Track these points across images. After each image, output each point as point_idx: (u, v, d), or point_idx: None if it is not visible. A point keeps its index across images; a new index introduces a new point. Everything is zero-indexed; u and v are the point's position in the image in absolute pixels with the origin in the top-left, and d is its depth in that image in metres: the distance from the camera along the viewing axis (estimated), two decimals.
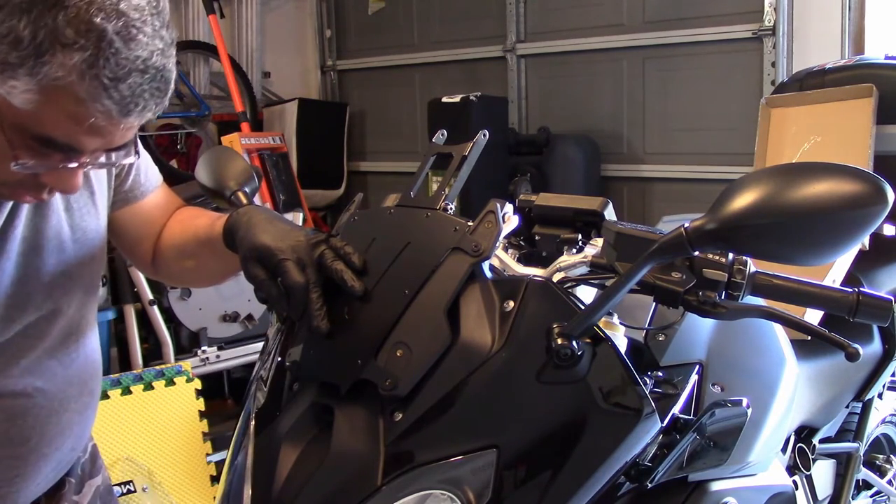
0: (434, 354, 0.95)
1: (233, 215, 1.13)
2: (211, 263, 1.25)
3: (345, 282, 1.01)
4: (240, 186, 1.24)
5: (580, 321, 0.91)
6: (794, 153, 2.11)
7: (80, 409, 1.21)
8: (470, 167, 1.10)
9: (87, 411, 1.23)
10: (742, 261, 0.90)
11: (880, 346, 1.85)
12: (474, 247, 0.99)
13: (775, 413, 1.21)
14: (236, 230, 1.10)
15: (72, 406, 1.18)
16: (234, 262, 1.12)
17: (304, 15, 5.88)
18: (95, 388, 1.25)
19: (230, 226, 1.13)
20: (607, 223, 1.03)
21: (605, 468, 0.92)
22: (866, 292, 0.88)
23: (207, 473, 2.86)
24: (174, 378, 2.92)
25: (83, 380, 1.21)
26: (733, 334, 1.17)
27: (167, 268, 1.34)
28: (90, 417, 1.25)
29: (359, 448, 0.95)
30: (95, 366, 1.24)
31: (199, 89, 5.11)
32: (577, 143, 4.49)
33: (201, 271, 1.32)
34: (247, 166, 1.28)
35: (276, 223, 1.08)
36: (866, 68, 2.09)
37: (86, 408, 1.22)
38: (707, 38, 4.20)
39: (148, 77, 0.88)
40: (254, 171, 1.29)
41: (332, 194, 5.48)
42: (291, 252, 1.03)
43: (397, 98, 5.50)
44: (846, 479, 1.83)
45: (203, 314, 3.30)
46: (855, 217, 0.81)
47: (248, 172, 1.27)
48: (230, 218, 1.14)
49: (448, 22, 5.21)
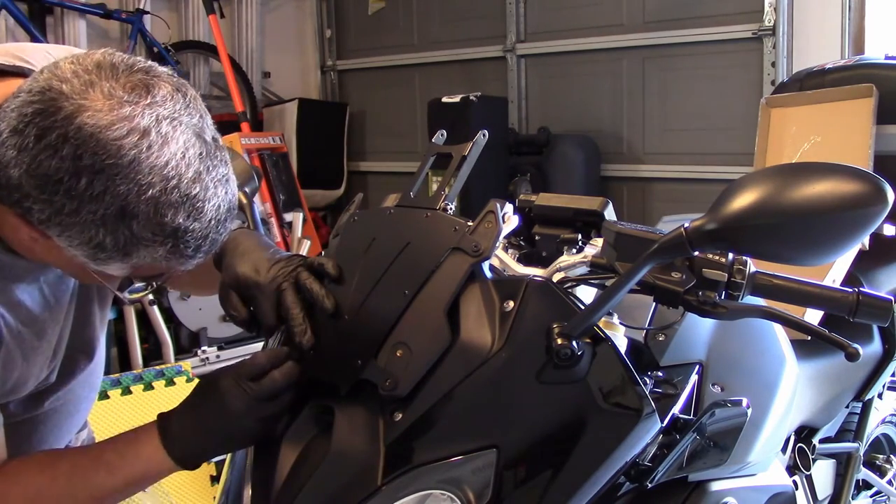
0: (434, 354, 0.95)
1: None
2: (205, 278, 1.26)
3: (317, 301, 1.03)
4: (240, 186, 1.23)
5: (580, 321, 0.91)
6: (794, 153, 2.11)
7: (88, 406, 1.24)
8: (470, 167, 1.10)
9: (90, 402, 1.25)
10: (742, 261, 0.90)
11: (880, 346, 1.85)
12: (474, 247, 0.99)
13: (775, 413, 1.21)
14: (223, 255, 1.11)
15: (83, 406, 1.22)
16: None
17: (304, 15, 5.88)
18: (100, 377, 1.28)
19: (220, 249, 1.14)
20: (607, 223, 1.03)
21: (605, 468, 0.92)
22: (866, 292, 0.88)
23: (207, 473, 2.86)
24: (174, 378, 2.92)
25: (97, 375, 1.23)
26: (733, 334, 1.16)
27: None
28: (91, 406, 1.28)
29: (359, 448, 0.95)
30: (103, 361, 1.27)
31: (199, 89, 5.09)
32: (577, 143, 4.49)
33: (196, 284, 1.35)
34: (247, 166, 1.29)
35: (258, 252, 1.09)
36: (866, 68, 2.09)
37: (91, 401, 1.25)
38: (707, 38, 4.20)
39: (224, 222, 0.91)
40: (254, 171, 1.29)
41: (332, 194, 5.48)
42: (270, 283, 1.05)
43: (397, 98, 5.50)
44: (846, 479, 1.83)
45: (203, 314, 3.31)
46: (855, 217, 0.80)
47: (248, 172, 1.27)
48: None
49: (448, 22, 5.21)
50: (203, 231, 0.88)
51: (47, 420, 1.13)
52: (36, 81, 0.84)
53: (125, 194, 0.82)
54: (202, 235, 0.88)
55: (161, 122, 0.84)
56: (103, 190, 0.81)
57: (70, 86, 0.82)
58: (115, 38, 4.90)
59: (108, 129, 0.81)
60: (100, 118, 0.81)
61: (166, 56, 4.75)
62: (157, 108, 0.84)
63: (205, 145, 0.88)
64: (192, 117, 0.87)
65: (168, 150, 0.83)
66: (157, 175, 0.82)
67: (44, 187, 0.81)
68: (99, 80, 0.83)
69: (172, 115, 0.85)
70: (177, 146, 0.84)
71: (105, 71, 0.84)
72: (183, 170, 0.84)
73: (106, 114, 0.81)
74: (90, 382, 1.21)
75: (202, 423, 1.00)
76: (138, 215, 0.83)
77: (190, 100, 0.88)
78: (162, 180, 0.83)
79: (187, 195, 0.85)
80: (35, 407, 1.10)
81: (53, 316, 1.05)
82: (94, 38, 4.75)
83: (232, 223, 0.93)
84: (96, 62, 0.85)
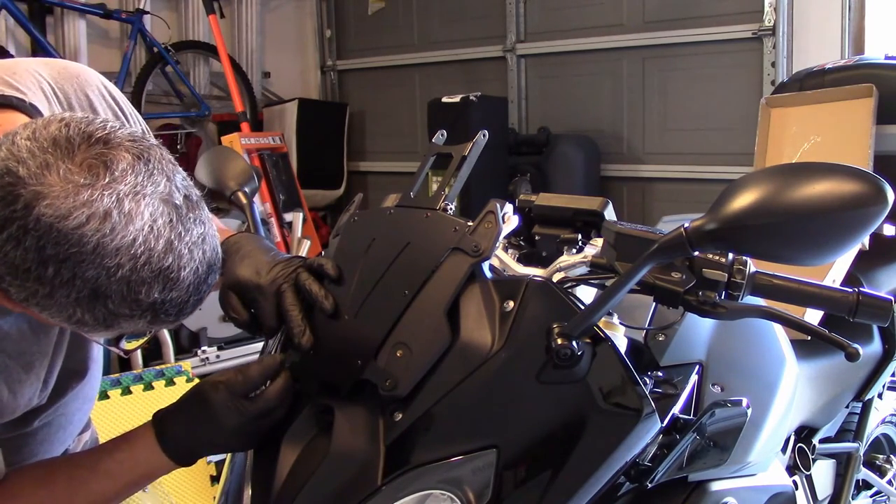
0: (434, 355, 0.95)
1: (225, 242, 1.14)
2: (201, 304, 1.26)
3: (316, 302, 1.03)
4: (240, 186, 1.24)
5: (580, 321, 0.91)
6: (794, 153, 2.11)
7: (83, 417, 1.23)
8: (470, 167, 1.10)
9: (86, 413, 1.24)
10: (742, 261, 0.90)
11: (880, 346, 1.85)
12: (474, 247, 0.99)
13: (775, 413, 1.21)
14: (224, 258, 1.10)
15: (76, 418, 1.21)
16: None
17: (304, 15, 5.88)
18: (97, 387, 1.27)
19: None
20: (607, 223, 1.03)
21: (605, 468, 0.92)
22: (866, 292, 0.87)
23: (207, 473, 2.86)
24: (174, 378, 2.92)
25: (91, 387, 1.22)
26: (733, 334, 1.16)
27: None
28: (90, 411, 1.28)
29: (359, 448, 0.95)
30: (99, 373, 1.26)
31: (199, 89, 5.11)
32: (576, 143, 4.49)
33: None
34: (247, 166, 1.29)
35: (259, 255, 1.09)
36: (866, 68, 2.09)
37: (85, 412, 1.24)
38: (707, 38, 4.20)
39: (205, 281, 0.89)
40: (254, 171, 1.29)
41: (332, 194, 5.48)
42: (270, 285, 1.05)
43: (397, 98, 5.50)
44: (846, 479, 1.83)
45: (203, 314, 3.30)
46: (855, 217, 0.80)
47: (248, 172, 1.27)
48: (222, 244, 1.15)
49: (448, 22, 5.21)
50: (182, 297, 0.86)
51: (37, 435, 1.13)
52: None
53: (94, 278, 0.80)
54: (182, 302, 0.87)
55: (122, 200, 0.80)
56: (72, 276, 0.79)
57: (26, 168, 0.79)
58: (115, 38, 4.90)
59: (66, 218, 0.78)
60: (58, 207, 0.78)
61: (166, 56, 4.75)
62: (117, 185, 0.81)
63: (175, 210, 0.84)
64: (157, 185, 0.83)
65: (133, 227, 0.81)
66: (125, 255, 0.80)
67: (15, 274, 0.80)
68: (55, 160, 0.80)
69: (134, 189, 0.82)
70: (142, 221, 0.81)
71: (61, 148, 0.81)
72: (152, 244, 0.82)
73: (63, 201, 0.78)
74: (84, 395, 1.20)
75: (195, 433, 1.02)
76: (111, 295, 0.82)
77: (154, 165, 0.84)
78: (130, 259, 0.81)
79: (160, 268, 0.83)
80: (23, 426, 1.09)
81: (42, 348, 1.04)
82: (94, 38, 4.75)
83: (216, 276, 0.91)
84: (52, 138, 0.81)
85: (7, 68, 1.01)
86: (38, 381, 1.05)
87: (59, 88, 1.04)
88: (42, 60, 1.08)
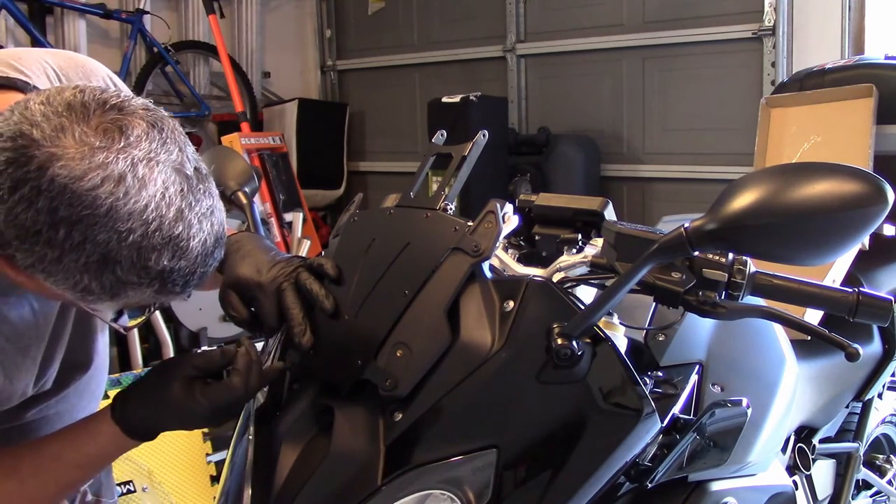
0: (434, 355, 0.95)
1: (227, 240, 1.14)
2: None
3: (316, 301, 1.04)
4: (240, 186, 1.24)
5: (580, 321, 0.91)
6: (794, 153, 2.11)
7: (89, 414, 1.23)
8: (470, 167, 1.10)
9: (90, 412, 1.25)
10: (742, 261, 0.90)
11: (880, 346, 1.85)
12: (474, 247, 0.99)
13: (775, 413, 1.21)
14: (225, 257, 1.10)
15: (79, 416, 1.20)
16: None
17: (304, 15, 5.88)
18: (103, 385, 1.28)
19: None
20: (607, 223, 1.03)
21: (605, 468, 0.92)
22: (866, 292, 0.87)
23: (207, 473, 2.86)
24: None
25: (97, 383, 1.23)
26: (733, 334, 1.16)
27: None
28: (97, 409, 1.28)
29: (359, 448, 0.95)
30: (105, 369, 1.26)
31: (198, 89, 5.11)
32: (576, 143, 4.50)
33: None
34: (247, 166, 1.29)
35: (259, 254, 1.09)
36: (866, 68, 2.09)
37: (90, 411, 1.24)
38: (707, 38, 4.20)
39: (212, 254, 0.89)
40: (254, 171, 1.29)
41: (331, 194, 5.48)
42: (270, 284, 1.05)
43: (397, 98, 5.50)
44: (846, 479, 1.83)
45: (203, 314, 3.30)
46: (855, 217, 0.80)
47: (248, 172, 1.27)
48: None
49: (448, 22, 5.21)
50: (190, 268, 0.86)
51: (38, 429, 1.13)
52: (7, 124, 0.80)
53: (105, 242, 0.80)
54: (190, 272, 0.87)
55: (137, 164, 0.81)
56: (83, 239, 0.79)
57: (40, 131, 0.79)
58: (115, 38, 4.90)
59: (81, 179, 0.78)
60: (72, 168, 0.78)
61: (166, 56, 4.75)
62: (132, 150, 0.81)
63: (186, 180, 0.85)
64: (170, 154, 0.84)
65: (146, 192, 0.81)
66: (137, 220, 0.80)
67: (24, 237, 0.79)
68: (70, 123, 0.80)
69: (148, 155, 0.82)
70: (155, 187, 0.82)
71: (76, 112, 0.81)
72: (164, 211, 0.82)
73: (78, 163, 0.78)
74: (89, 391, 1.20)
75: (156, 415, 1.04)
76: (121, 261, 0.81)
77: (167, 134, 0.85)
78: (142, 225, 0.81)
79: (170, 236, 0.83)
80: (17, 418, 1.09)
81: (39, 333, 1.04)
82: (94, 38, 4.75)
83: (221, 252, 0.91)
84: (67, 103, 0.82)
85: (13, 54, 1.02)
86: (35, 367, 1.05)
87: (64, 76, 1.04)
88: (49, 50, 1.09)
